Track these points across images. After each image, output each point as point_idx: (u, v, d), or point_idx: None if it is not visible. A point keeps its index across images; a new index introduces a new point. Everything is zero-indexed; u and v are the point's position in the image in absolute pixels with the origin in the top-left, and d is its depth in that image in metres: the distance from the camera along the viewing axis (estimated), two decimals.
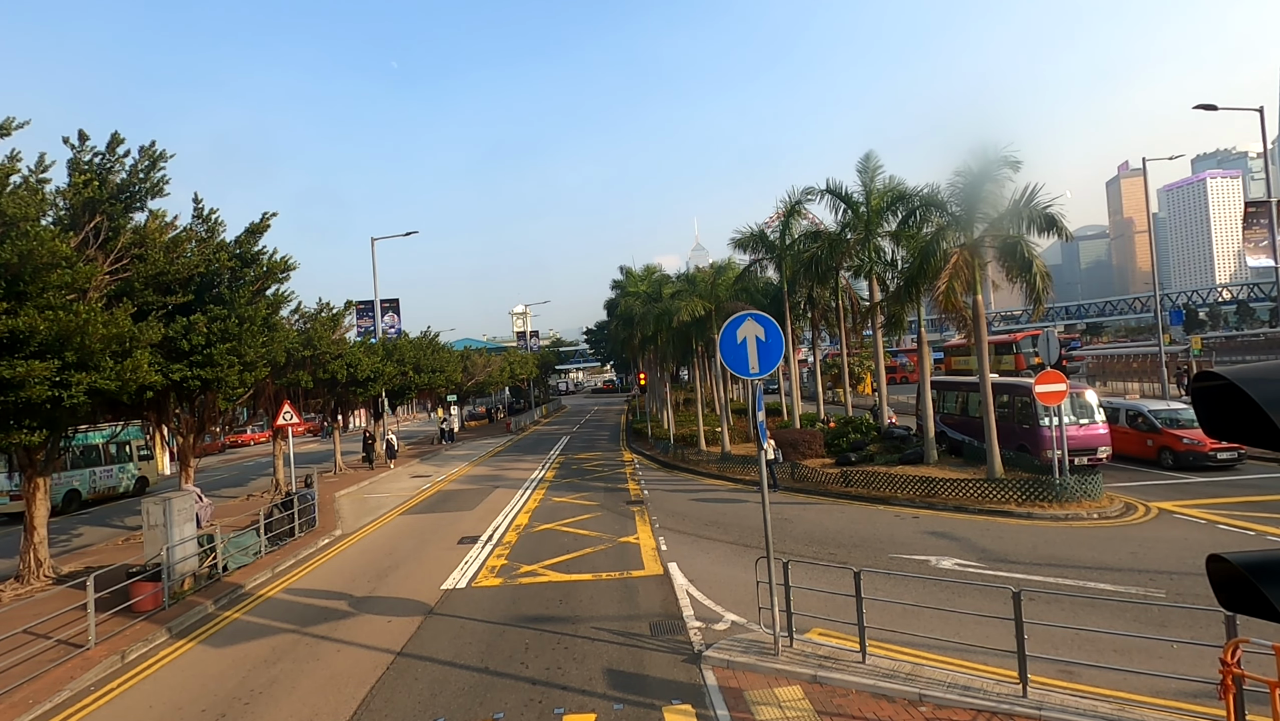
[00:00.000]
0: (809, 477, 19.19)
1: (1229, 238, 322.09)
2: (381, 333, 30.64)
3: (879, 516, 15.12)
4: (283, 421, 16.83)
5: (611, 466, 27.21)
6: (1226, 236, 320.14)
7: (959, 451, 20.99)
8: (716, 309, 25.36)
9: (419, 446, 41.21)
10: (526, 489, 22.48)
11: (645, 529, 15.35)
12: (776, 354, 7.74)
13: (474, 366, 46.00)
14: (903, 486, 16.49)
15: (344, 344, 21.00)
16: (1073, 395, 17.75)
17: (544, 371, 77.28)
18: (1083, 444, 17.59)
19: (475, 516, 18.11)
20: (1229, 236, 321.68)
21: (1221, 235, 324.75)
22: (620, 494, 20.43)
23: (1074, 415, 17.84)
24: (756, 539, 13.69)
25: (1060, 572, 10.42)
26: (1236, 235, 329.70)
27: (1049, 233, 16.63)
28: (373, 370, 23.64)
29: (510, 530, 16.05)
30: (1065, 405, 16.55)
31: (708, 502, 18.14)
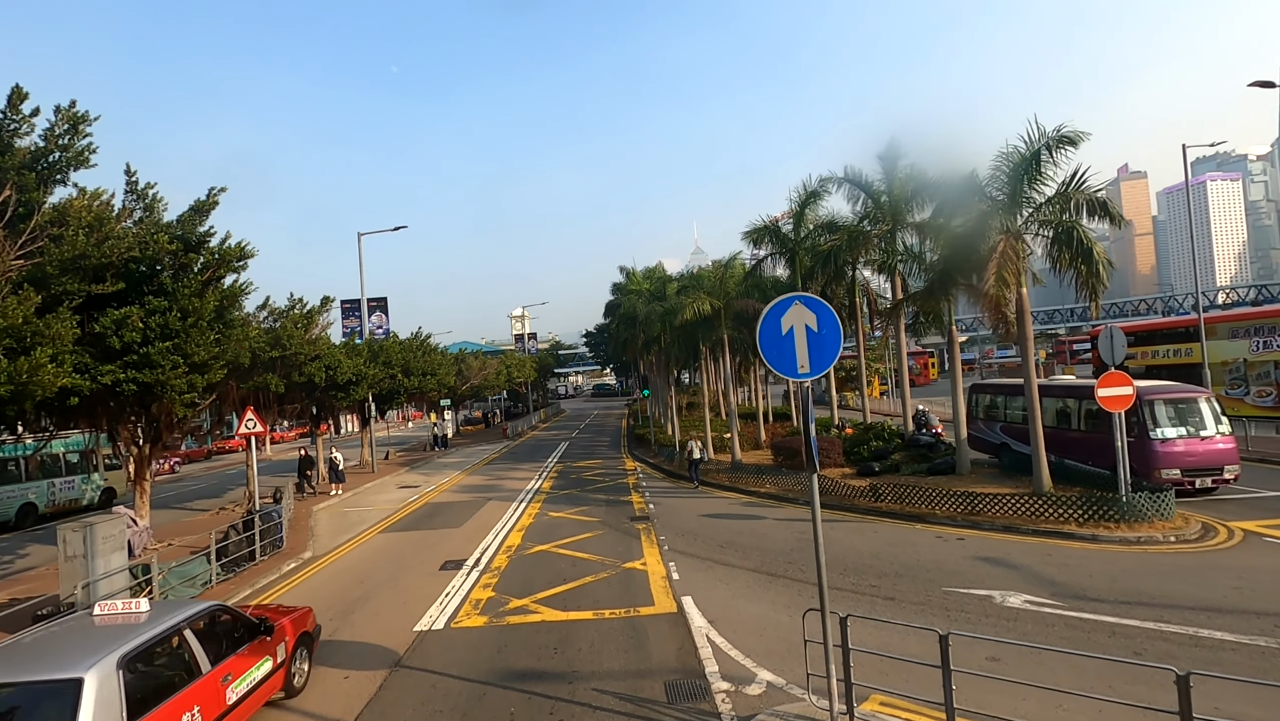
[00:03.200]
0: (831, 490, 17.40)
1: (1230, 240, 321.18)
2: (369, 333, 28.87)
3: (918, 537, 13.33)
4: (245, 430, 15.08)
5: (613, 476, 25.41)
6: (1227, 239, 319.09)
7: (1023, 467, 17.13)
8: (725, 306, 23.61)
9: (410, 453, 39.41)
10: (521, 501, 20.68)
11: (653, 551, 13.56)
12: (833, 348, 5.98)
13: (469, 369, 44.23)
14: (941, 502, 14.70)
15: (322, 344, 19.26)
16: (1187, 402, 15.22)
17: (542, 375, 75.50)
18: (1204, 461, 14.60)
19: (463, 535, 16.31)
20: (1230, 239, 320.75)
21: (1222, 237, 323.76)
22: (623, 508, 18.63)
23: (1187, 426, 14.96)
24: (782, 565, 11.90)
25: (1159, 615, 8.62)
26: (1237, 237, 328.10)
27: (1099, 218, 14.92)
28: (355, 373, 21.87)
29: (500, 552, 14.25)
30: (1168, 413, 14.71)
31: (720, 519, 16.34)
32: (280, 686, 7.53)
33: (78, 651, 5.37)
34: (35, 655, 5.59)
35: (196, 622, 6.48)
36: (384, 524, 18.42)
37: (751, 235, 24.36)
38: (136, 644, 5.57)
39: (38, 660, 5.45)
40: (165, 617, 6.23)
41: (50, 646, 5.68)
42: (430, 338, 33.75)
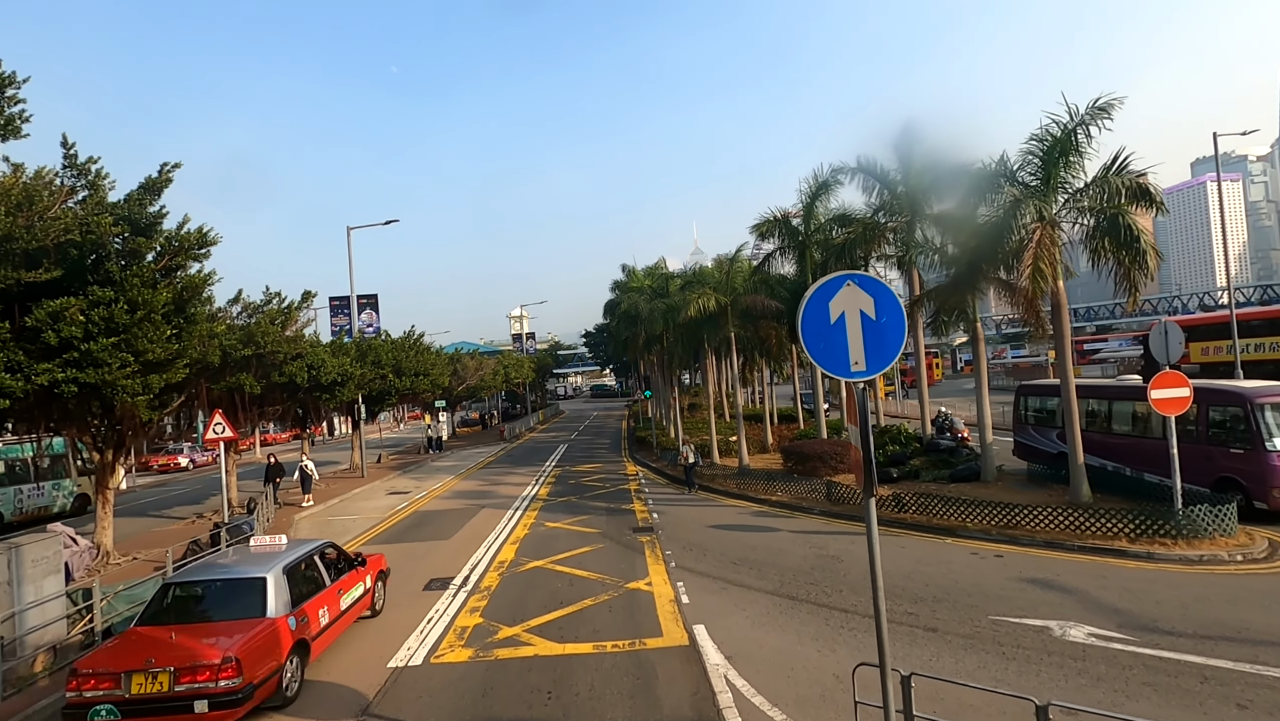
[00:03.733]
0: (848, 498, 16.19)
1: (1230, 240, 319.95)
2: (358, 331, 27.65)
3: (950, 554, 12.11)
4: (214, 435, 13.87)
5: (613, 481, 24.19)
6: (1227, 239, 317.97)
7: (1115, 486, 14.80)
8: (732, 303, 22.39)
9: (404, 456, 38.17)
10: (516, 509, 19.45)
11: (658, 568, 12.34)
12: (896, 339, 4.77)
13: (465, 370, 42.99)
14: (973, 513, 13.48)
15: (304, 342, 18.04)
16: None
17: (541, 375, 74.28)
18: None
19: (451, 548, 15.08)
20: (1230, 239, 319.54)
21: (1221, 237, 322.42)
22: (625, 517, 17.40)
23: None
24: (804, 587, 10.68)
25: (1252, 653, 7.41)
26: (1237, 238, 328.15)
27: (1142, 205, 13.71)
28: (340, 373, 20.63)
29: (491, 569, 13.02)
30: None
31: (730, 530, 15.12)
32: (369, 606, 10.29)
33: (256, 564, 8.34)
34: (231, 565, 8.60)
35: (319, 553, 9.37)
36: (368, 535, 17.19)
37: (760, 228, 23.16)
38: (287, 561, 8.46)
39: (235, 567, 8.45)
40: (299, 549, 9.11)
41: (238, 561, 8.73)
42: (423, 336, 32.55)
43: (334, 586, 9.12)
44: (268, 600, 7.73)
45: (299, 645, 7.83)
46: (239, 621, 7.50)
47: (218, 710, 6.61)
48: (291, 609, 7.95)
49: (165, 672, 6.61)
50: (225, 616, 7.68)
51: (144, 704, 6.56)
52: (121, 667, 6.65)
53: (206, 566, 8.88)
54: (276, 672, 7.32)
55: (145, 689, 6.56)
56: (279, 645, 7.46)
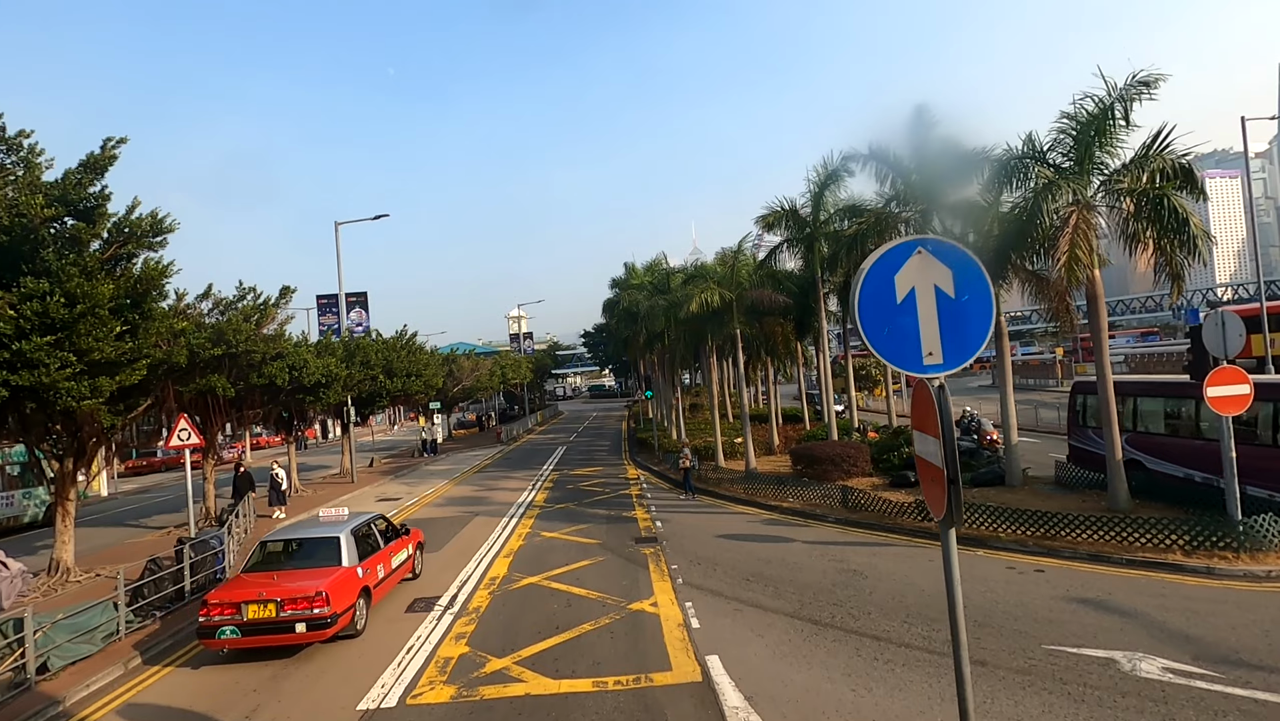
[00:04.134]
0: (866, 505, 15.11)
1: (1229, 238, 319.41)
2: (346, 330, 26.54)
3: (986, 569, 11.03)
4: (178, 441, 12.77)
5: (613, 486, 23.10)
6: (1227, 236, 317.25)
7: (1156, 492, 13.53)
8: (737, 298, 21.30)
9: (397, 460, 37.07)
10: (511, 517, 18.36)
11: (664, 585, 11.25)
12: (982, 322, 3.70)
13: (460, 370, 41.88)
14: (1005, 522, 12.41)
15: (282, 341, 16.93)
16: None
17: (539, 376, 73.20)
18: None
19: (440, 562, 13.98)
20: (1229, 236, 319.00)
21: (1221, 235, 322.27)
22: (626, 526, 16.32)
23: None
24: (827, 608, 9.59)
25: None
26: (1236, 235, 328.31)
27: (1185, 189, 12.64)
28: (324, 374, 19.51)
29: (482, 586, 11.92)
30: None
31: (741, 541, 14.04)
32: (411, 569, 12.22)
33: (330, 527, 10.42)
34: (310, 528, 10.64)
35: (373, 522, 11.32)
36: None
37: (766, 219, 22.07)
38: (353, 526, 10.47)
39: (314, 529, 10.53)
40: (358, 519, 11.02)
41: (314, 526, 10.78)
42: (415, 336, 31.47)
43: (386, 549, 11.12)
44: (342, 553, 9.86)
45: (364, 590, 9.85)
46: (322, 569, 9.56)
47: (312, 631, 8.73)
48: (358, 561, 9.99)
49: (273, 602, 8.70)
50: (311, 565, 9.70)
51: (257, 625, 8.70)
52: (239, 599, 8.75)
53: (291, 528, 11.36)
54: (351, 608, 9.34)
55: (258, 615, 8.70)
56: (352, 588, 9.54)
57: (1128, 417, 14.44)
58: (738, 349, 21.59)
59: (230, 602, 8.76)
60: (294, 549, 10.29)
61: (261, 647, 8.95)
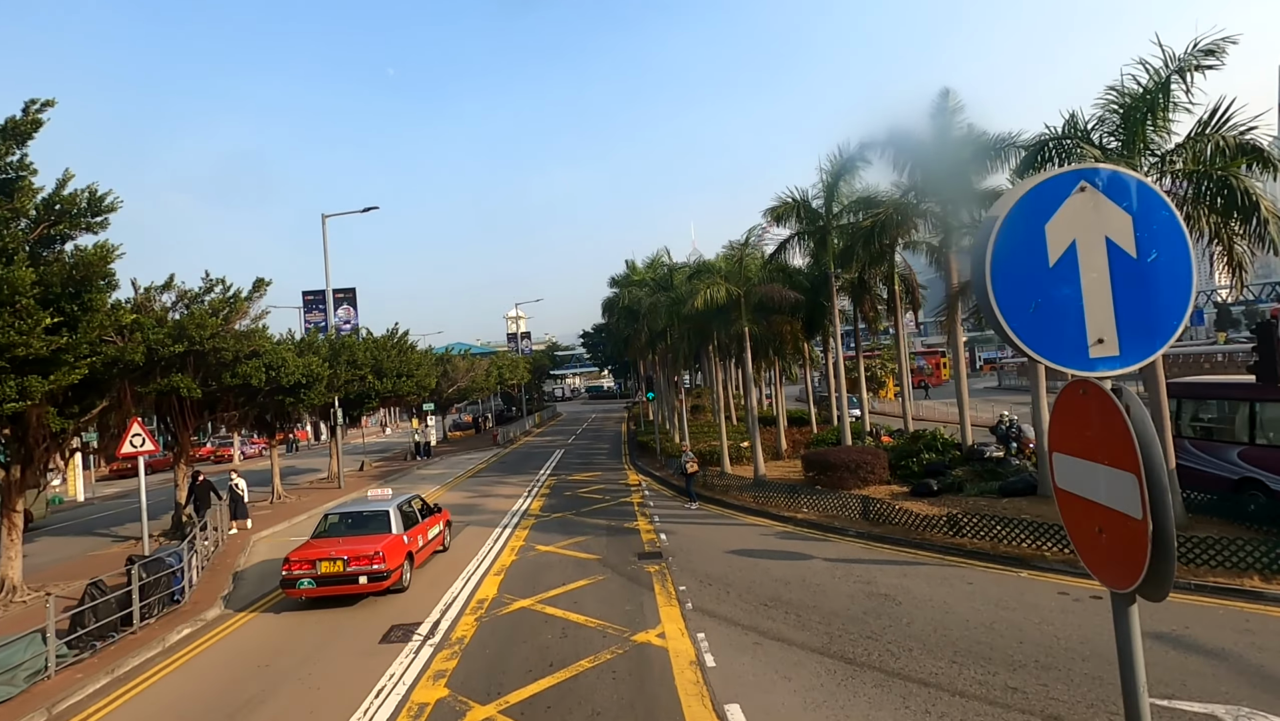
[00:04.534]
0: (888, 517, 13.88)
1: None
2: (333, 328, 25.30)
3: (1034, 594, 9.80)
4: (130, 449, 11.55)
5: (613, 493, 21.87)
6: None
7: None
8: (745, 294, 20.09)
9: (389, 463, 35.84)
10: (504, 527, 17.13)
11: (672, 611, 10.03)
12: (1178, 295, 2.45)
13: (455, 370, 40.62)
14: (1049, 539, 11.18)
15: (257, 338, 15.71)
16: None
17: (537, 376, 71.95)
18: None
19: (423, 580, 12.74)
20: None
21: None
22: (628, 538, 15.08)
23: None
24: (860, 643, 8.35)
25: None
26: None
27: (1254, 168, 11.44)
28: (305, 373, 18.27)
29: (468, 611, 10.69)
30: None
31: (754, 558, 12.80)
32: (442, 543, 14.20)
33: (380, 503, 12.68)
34: (364, 504, 12.82)
35: (411, 500, 13.35)
36: None
37: (776, 211, 20.88)
38: (398, 502, 12.69)
39: (368, 505, 12.72)
40: (400, 497, 13.08)
41: (366, 503, 12.91)
42: (407, 334, 30.24)
43: (424, 523, 13.17)
44: (392, 523, 12.03)
45: (409, 555, 11.88)
46: (376, 535, 11.59)
47: (372, 582, 10.74)
48: (404, 530, 12.08)
49: (341, 560, 10.72)
50: (367, 533, 11.75)
51: (328, 578, 10.72)
52: (314, 557, 10.85)
53: (348, 505, 13.65)
54: (399, 568, 11.24)
55: (329, 569, 10.71)
56: (400, 551, 11.53)
57: (1242, 427, 12.59)
58: (746, 348, 20.35)
59: (307, 560, 10.94)
60: (352, 520, 12.36)
61: (332, 596, 11.03)
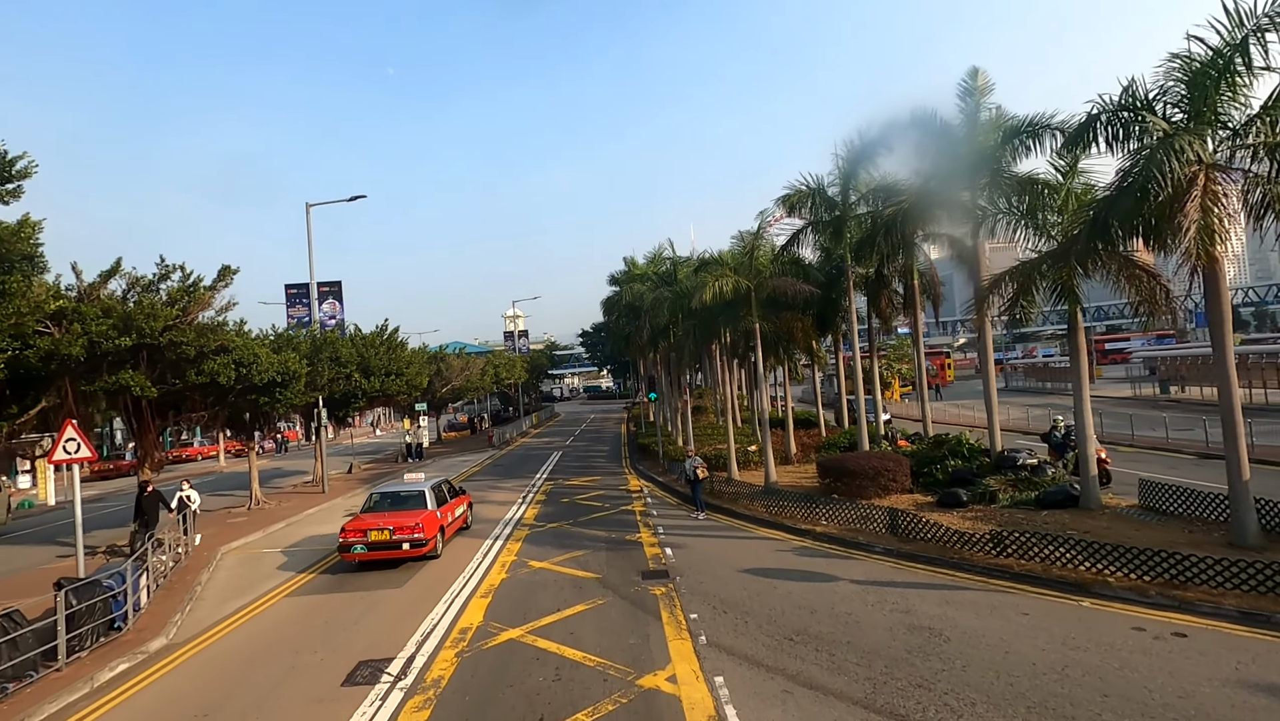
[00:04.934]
0: (920, 533, 12.53)
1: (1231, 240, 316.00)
2: (316, 323, 23.91)
3: (1104, 628, 8.44)
4: (63, 455, 10.18)
5: (613, 500, 20.50)
6: None
7: None
8: (756, 287, 18.74)
9: (379, 465, 34.45)
10: (495, 539, 15.76)
11: (683, 645, 8.68)
12: None
13: (449, 369, 39.23)
14: (1111, 561, 9.83)
15: (224, 332, 14.31)
16: None
17: (535, 376, 70.55)
18: None
19: (402, 601, 11.39)
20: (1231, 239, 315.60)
21: None
22: (630, 553, 13.72)
23: None
24: (912, 695, 6.99)
25: None
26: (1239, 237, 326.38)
27: None
28: (281, 371, 16.88)
29: (448, 643, 9.32)
30: None
31: (773, 579, 11.43)
32: (465, 522, 16.62)
33: (416, 485, 14.64)
34: (403, 486, 14.79)
35: (441, 482, 15.63)
36: (303, 577, 13.46)
37: (789, 200, 19.52)
38: (431, 484, 14.74)
39: (406, 486, 14.72)
40: (432, 480, 15.28)
41: (405, 484, 14.92)
42: (397, 331, 28.85)
43: (452, 502, 15.42)
44: (427, 500, 14.22)
45: (441, 528, 14.07)
46: (415, 511, 13.84)
47: (413, 549, 13.09)
48: (438, 507, 14.25)
49: (387, 530, 13.11)
50: (407, 509, 13.99)
51: (377, 544, 13.10)
52: (366, 527, 13.22)
53: (389, 485, 15.84)
54: (434, 539, 13.54)
55: (378, 537, 13.09)
56: (435, 524, 13.79)
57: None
58: (757, 346, 19.00)
59: (360, 530, 13.19)
60: (394, 499, 14.53)
61: (379, 560, 13.27)
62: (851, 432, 24.51)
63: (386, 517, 13.51)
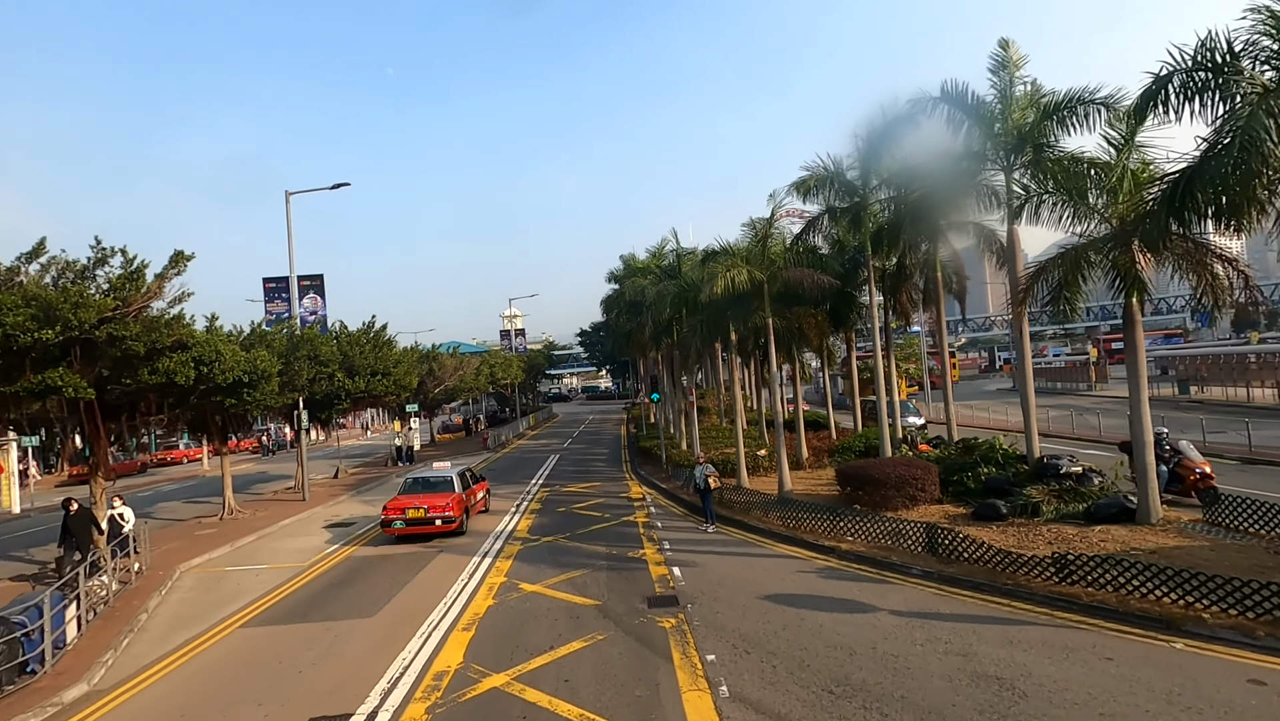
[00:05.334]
0: (965, 553, 11.03)
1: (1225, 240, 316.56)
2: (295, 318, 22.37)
3: (1214, 680, 6.94)
4: None
5: (614, 510, 18.99)
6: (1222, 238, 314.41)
7: None
8: (770, 279, 17.25)
9: (368, 469, 32.92)
10: (484, 555, 14.27)
11: (701, 700, 7.18)
12: None
13: (442, 369, 37.69)
14: (1203, 595, 8.34)
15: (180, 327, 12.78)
16: None
17: (532, 376, 68.99)
18: None
19: (372, 635, 9.88)
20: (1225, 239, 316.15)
21: None
22: (634, 574, 12.21)
23: None
24: None
25: None
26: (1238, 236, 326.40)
27: None
28: (248, 370, 15.35)
29: (420, 692, 7.81)
30: None
31: (800, 607, 9.92)
32: (484, 506, 19.11)
33: (445, 472, 17.52)
34: (434, 472, 17.73)
35: (466, 471, 18.22)
36: (262, 603, 11.93)
37: (804, 185, 18.03)
38: (457, 471, 17.44)
39: (437, 472, 17.67)
40: (457, 468, 17.93)
41: (435, 471, 17.79)
42: (385, 329, 27.30)
43: (474, 487, 18.23)
44: (454, 484, 16.82)
45: (466, 509, 16.71)
46: (445, 493, 16.37)
47: (444, 525, 15.58)
48: (464, 490, 16.92)
49: (423, 508, 15.58)
50: (438, 491, 16.53)
51: (414, 520, 15.57)
52: (405, 506, 15.74)
53: (422, 471, 18.70)
54: (460, 517, 16.06)
55: (414, 515, 15.56)
56: (463, 504, 16.42)
57: None
58: (770, 342, 17.52)
59: (399, 508, 15.68)
60: (426, 483, 16.96)
61: (416, 534, 15.67)
62: (866, 435, 23.02)
63: (421, 499, 16.00)
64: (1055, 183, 13.07)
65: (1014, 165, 15.40)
